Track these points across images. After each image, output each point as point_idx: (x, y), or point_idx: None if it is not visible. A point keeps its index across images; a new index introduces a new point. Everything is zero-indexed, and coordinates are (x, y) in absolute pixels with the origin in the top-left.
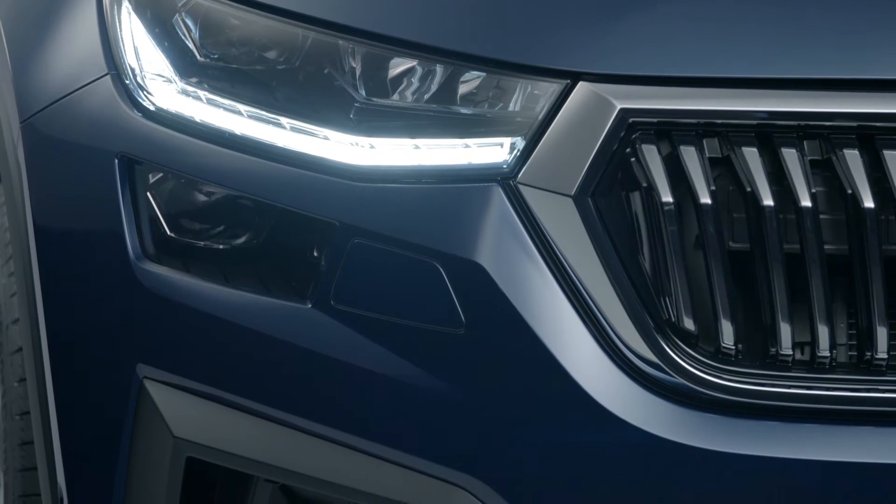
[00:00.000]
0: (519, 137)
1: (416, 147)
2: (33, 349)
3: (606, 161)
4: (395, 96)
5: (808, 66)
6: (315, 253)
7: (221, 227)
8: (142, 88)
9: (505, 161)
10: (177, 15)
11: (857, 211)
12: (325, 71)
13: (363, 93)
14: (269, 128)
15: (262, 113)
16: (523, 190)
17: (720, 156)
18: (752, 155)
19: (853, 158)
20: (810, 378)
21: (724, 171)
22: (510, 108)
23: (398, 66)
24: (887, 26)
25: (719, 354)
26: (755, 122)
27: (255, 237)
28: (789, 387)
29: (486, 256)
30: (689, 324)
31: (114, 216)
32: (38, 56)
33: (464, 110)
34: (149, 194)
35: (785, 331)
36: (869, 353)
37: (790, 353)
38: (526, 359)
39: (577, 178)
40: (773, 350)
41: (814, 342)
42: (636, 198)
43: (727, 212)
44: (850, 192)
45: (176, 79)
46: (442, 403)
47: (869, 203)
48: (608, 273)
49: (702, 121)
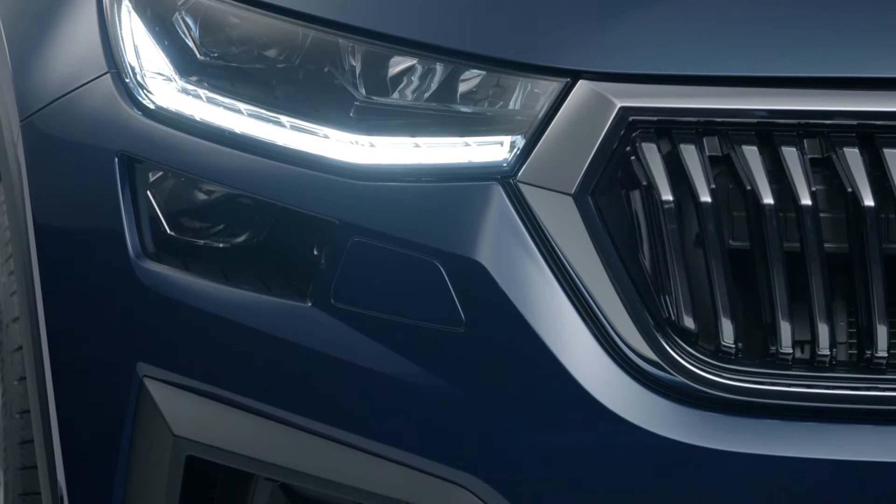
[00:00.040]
0: (519, 136)
1: (417, 145)
2: (33, 347)
3: (606, 159)
4: (396, 95)
5: (808, 65)
6: (315, 251)
7: (221, 226)
8: (142, 87)
9: (505, 159)
10: (177, 13)
11: (857, 209)
12: (325, 69)
13: (363, 91)
14: (269, 126)
15: (262, 111)
16: (523, 188)
17: (720, 154)
18: (752, 153)
19: (853, 157)
20: (810, 376)
21: (724, 169)
22: (510, 106)
23: (398, 64)
24: (887, 25)
25: (719, 353)
26: (755, 120)
27: (255, 236)
28: (789, 385)
29: (486, 255)
30: (690, 322)
31: (114, 215)
32: (37, 54)
33: (464, 109)
34: (149, 193)
35: (785, 329)
36: (869, 352)
37: (790, 351)
38: (526, 357)
39: (577, 177)
40: (774, 348)
41: (814, 341)
42: (636, 196)
43: (727, 210)
44: (850, 190)
45: (176, 77)
46: (442, 402)
47: (869, 201)
48: (608, 271)
49: (702, 119)
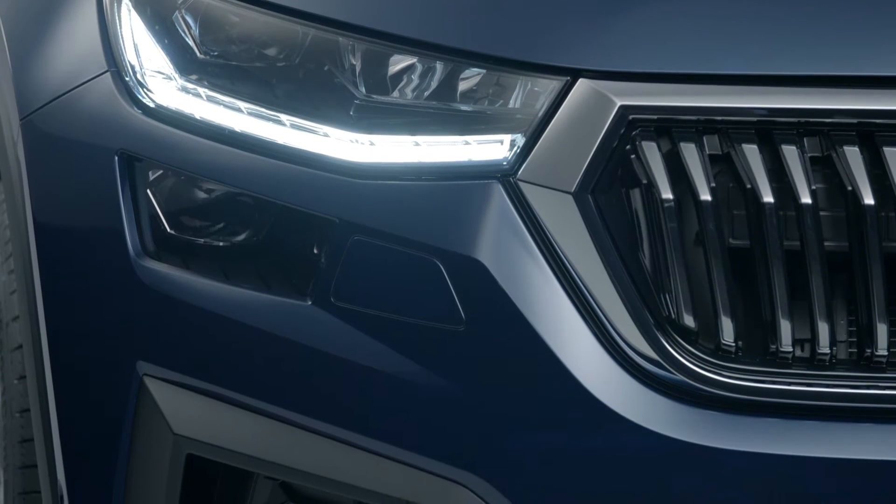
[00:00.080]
0: (519, 134)
1: (417, 144)
2: (33, 346)
3: (606, 158)
4: (396, 93)
5: (808, 63)
6: (315, 250)
7: (221, 224)
8: (142, 85)
9: (505, 158)
10: (177, 12)
11: (857, 208)
12: (325, 68)
13: (363, 90)
14: (269, 125)
15: (262, 110)
16: (523, 187)
17: (720, 153)
18: (752, 152)
19: (853, 155)
20: (810, 375)
21: (724, 167)
22: (510, 104)
23: (398, 63)
24: (886, 23)
25: (719, 351)
26: (755, 118)
27: (255, 234)
28: (789, 384)
29: (486, 253)
30: (689, 320)
31: (114, 213)
32: (37, 53)
33: (464, 107)
34: (149, 191)
35: (785, 328)
36: (869, 350)
37: (790, 349)
38: (526, 356)
39: (577, 175)
40: (774, 347)
41: (814, 339)
42: (636, 195)
43: (727, 208)
44: (850, 188)
45: (176, 76)
46: (442, 400)
47: (869, 200)
48: (608, 270)
49: (702, 117)
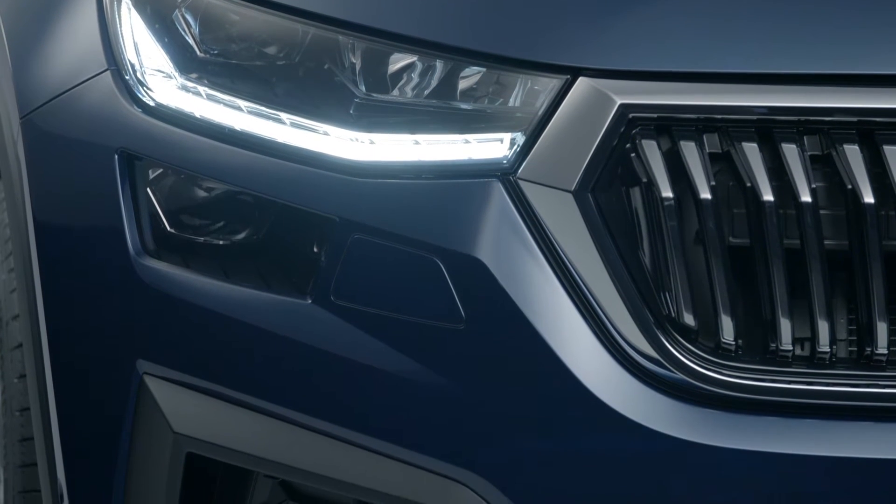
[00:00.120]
0: (519, 133)
1: (416, 142)
2: (33, 345)
3: (606, 156)
4: (395, 92)
5: (808, 62)
6: (315, 248)
7: (221, 223)
8: (142, 84)
9: (505, 156)
10: (177, 11)
11: (857, 206)
12: (325, 66)
13: (363, 88)
14: (269, 123)
15: (262, 109)
16: (523, 185)
17: (720, 151)
18: (751, 150)
19: (853, 154)
20: (810, 374)
21: (724, 166)
22: (510, 103)
23: (398, 61)
24: (886, 22)
25: (719, 350)
26: (755, 117)
27: (255, 233)
28: (789, 382)
29: (486, 252)
30: (689, 319)
31: (114, 212)
32: (37, 52)
33: (464, 106)
34: (149, 190)
35: (785, 326)
36: (869, 349)
37: (790, 348)
38: (526, 354)
39: (577, 174)
40: (773, 346)
41: (814, 338)
42: (636, 193)
43: (727, 207)
44: (850, 187)
45: (176, 74)
46: (442, 399)
47: (869, 198)
48: (608, 268)
49: (702, 116)
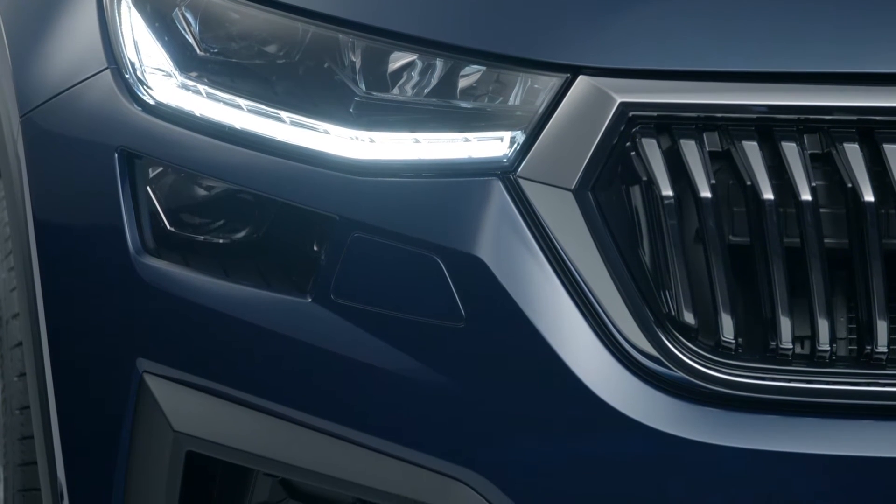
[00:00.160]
0: (519, 131)
1: (416, 141)
2: (33, 344)
3: (606, 155)
4: (395, 90)
5: (808, 60)
6: (315, 247)
7: (221, 222)
8: (141, 83)
9: (505, 155)
10: (176, 9)
11: (857, 205)
12: (325, 65)
13: (363, 87)
14: (269, 122)
15: (262, 107)
16: (523, 184)
17: (720, 149)
18: (752, 149)
19: (853, 152)
20: (810, 372)
21: (724, 164)
22: (510, 102)
23: (398, 60)
24: (886, 21)
25: (719, 348)
26: (755, 115)
27: (255, 231)
28: (789, 381)
29: (486, 250)
30: (689, 318)
31: (114, 210)
32: (37, 51)
33: (464, 104)
34: (149, 189)
35: (785, 325)
36: (869, 347)
37: (790, 346)
38: (526, 353)
39: (577, 172)
40: (773, 344)
41: (814, 336)
42: (636, 192)
43: (727, 205)
44: (850, 185)
45: (176, 73)
46: (442, 397)
47: (869, 197)
48: (608, 267)
49: (702, 114)
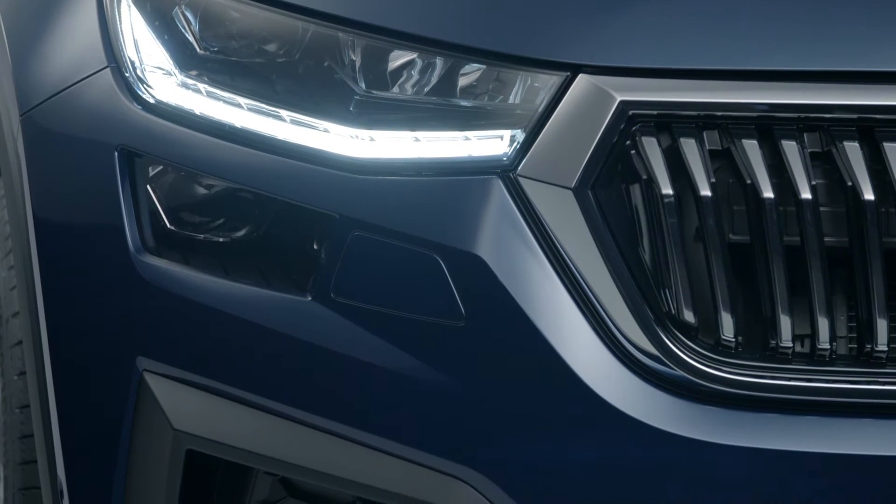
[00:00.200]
0: (519, 130)
1: (416, 140)
2: (33, 342)
3: (606, 153)
4: (395, 89)
5: (808, 59)
6: (315, 245)
7: (221, 220)
8: (142, 81)
9: (505, 153)
10: (176, 8)
11: (857, 203)
12: (325, 63)
13: (363, 85)
14: (269, 120)
15: (262, 106)
16: (523, 182)
17: (720, 148)
18: (752, 147)
19: (853, 151)
20: (810, 370)
21: (725, 163)
22: (510, 100)
23: (398, 58)
24: (886, 20)
25: (719, 347)
26: (755, 114)
27: (255, 230)
28: (789, 379)
29: (486, 249)
30: (689, 316)
31: (114, 209)
32: (37, 49)
33: (464, 103)
34: (148, 187)
35: (785, 323)
36: (869, 346)
37: (790, 345)
38: (526, 351)
39: (577, 171)
40: (773, 342)
41: (814, 334)
42: (636, 190)
43: (727, 204)
44: (850, 184)
45: (176, 72)
46: (442, 396)
47: (869, 195)
48: (608, 265)
49: (702, 113)
